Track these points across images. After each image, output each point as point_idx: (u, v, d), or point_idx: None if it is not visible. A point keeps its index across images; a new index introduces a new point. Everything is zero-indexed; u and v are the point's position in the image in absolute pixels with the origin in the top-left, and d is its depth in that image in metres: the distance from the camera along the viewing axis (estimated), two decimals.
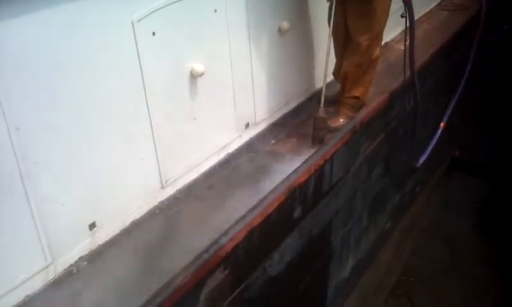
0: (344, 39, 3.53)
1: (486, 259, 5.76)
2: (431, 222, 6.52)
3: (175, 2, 2.54)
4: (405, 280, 5.78)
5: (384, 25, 3.47)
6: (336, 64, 3.73)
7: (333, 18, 3.36)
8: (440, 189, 6.92)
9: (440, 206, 6.72)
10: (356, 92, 3.55)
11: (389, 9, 3.43)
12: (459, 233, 6.26)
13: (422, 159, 5.18)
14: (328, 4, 3.45)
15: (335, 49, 3.65)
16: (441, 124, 5.71)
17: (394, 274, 5.75)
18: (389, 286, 5.65)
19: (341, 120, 3.54)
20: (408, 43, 3.71)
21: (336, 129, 3.45)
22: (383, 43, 4.57)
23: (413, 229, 6.14)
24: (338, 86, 3.80)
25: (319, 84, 4.02)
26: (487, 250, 5.89)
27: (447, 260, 5.95)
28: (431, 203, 6.66)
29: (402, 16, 3.55)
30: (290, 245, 3.06)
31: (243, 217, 2.56)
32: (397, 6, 3.55)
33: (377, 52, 3.49)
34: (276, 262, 2.95)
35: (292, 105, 3.72)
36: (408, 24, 3.56)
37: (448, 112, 5.78)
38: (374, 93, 3.81)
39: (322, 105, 3.27)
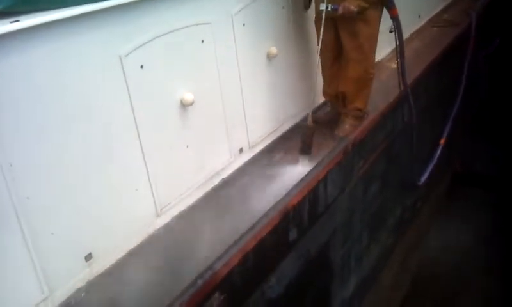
0: (333, 57, 3.57)
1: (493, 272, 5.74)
2: (436, 237, 6.50)
3: (161, 35, 2.62)
4: (413, 297, 5.74)
5: (375, 44, 3.54)
6: (325, 83, 3.76)
7: (322, 37, 3.34)
8: (444, 203, 6.90)
9: (444, 220, 6.70)
10: (358, 104, 3.63)
11: (376, 30, 3.49)
12: (465, 246, 6.23)
13: (424, 177, 5.18)
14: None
15: (322, 68, 3.63)
16: (442, 140, 5.72)
17: (401, 291, 5.71)
18: (396, 304, 5.60)
19: (346, 127, 3.63)
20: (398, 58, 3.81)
21: (346, 136, 3.57)
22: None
23: (418, 245, 6.11)
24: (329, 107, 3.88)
25: (311, 105, 4.08)
26: (494, 263, 5.86)
27: (455, 275, 5.91)
28: (435, 217, 6.64)
29: (390, 31, 3.64)
30: (288, 267, 3.07)
31: (237, 242, 2.59)
32: (384, 27, 3.64)
33: (373, 67, 3.58)
34: (275, 285, 2.96)
35: (285, 127, 3.76)
36: (397, 38, 3.66)
37: (448, 127, 5.80)
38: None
39: (310, 113, 3.33)
